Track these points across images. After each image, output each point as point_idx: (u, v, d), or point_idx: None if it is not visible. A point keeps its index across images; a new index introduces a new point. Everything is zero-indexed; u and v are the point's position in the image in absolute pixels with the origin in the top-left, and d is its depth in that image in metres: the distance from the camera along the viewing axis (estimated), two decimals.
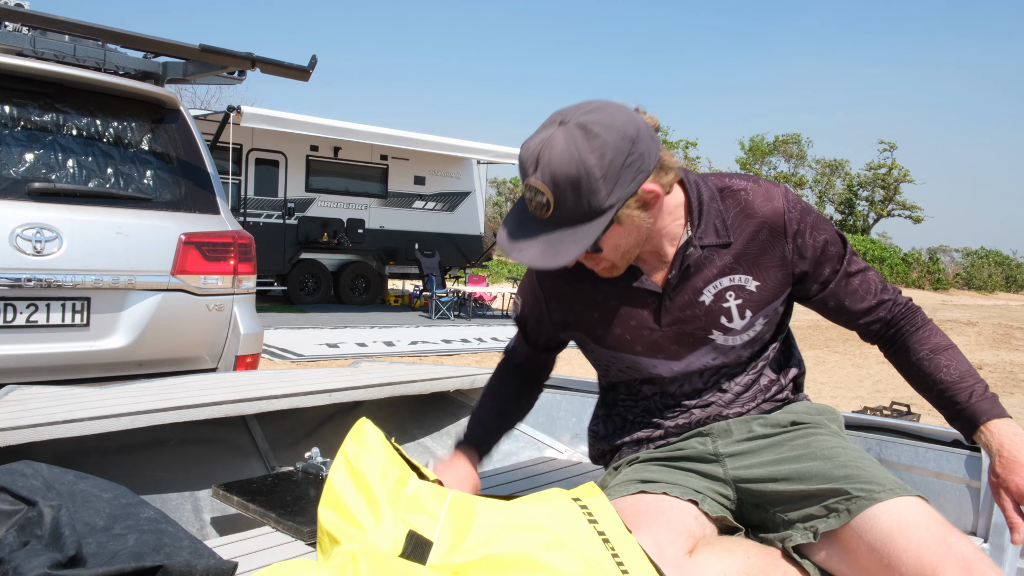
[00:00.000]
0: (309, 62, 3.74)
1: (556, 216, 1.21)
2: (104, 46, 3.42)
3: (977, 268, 42.84)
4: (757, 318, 1.39)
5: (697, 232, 1.35)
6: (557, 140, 1.18)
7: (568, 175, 1.17)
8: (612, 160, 1.18)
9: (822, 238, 1.39)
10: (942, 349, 1.39)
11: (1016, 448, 1.26)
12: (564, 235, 1.21)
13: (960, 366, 1.37)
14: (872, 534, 1.17)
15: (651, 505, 1.33)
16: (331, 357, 8.13)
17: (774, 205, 1.37)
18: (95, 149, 3.19)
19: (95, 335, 3.08)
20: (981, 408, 1.32)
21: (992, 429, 1.30)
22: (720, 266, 1.37)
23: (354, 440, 1.15)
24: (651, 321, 1.40)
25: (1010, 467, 1.24)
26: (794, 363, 1.53)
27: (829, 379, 8.44)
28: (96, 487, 1.23)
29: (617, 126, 1.19)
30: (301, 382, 2.20)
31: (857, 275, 1.42)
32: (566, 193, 1.18)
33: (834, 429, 1.44)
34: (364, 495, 1.08)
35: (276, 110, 10.68)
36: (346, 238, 13.60)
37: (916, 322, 1.43)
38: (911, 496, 1.20)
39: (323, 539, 1.09)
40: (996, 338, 13.93)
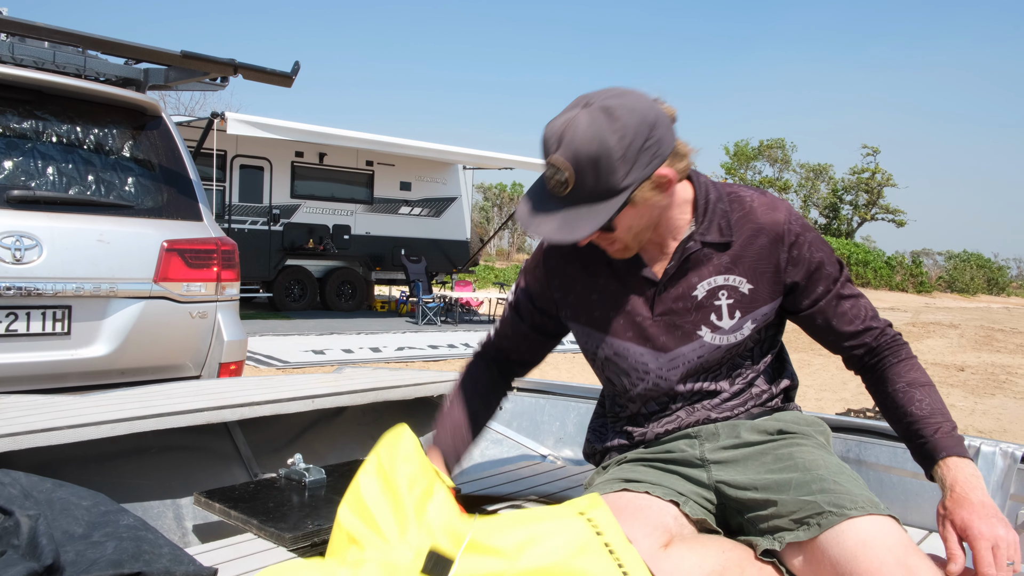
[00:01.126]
0: (292, 68, 3.73)
1: (574, 194, 1.26)
2: (84, 52, 3.41)
3: (959, 271, 43.24)
4: (746, 320, 1.42)
5: (700, 228, 1.40)
6: (581, 120, 1.23)
7: (589, 154, 1.22)
8: (632, 143, 1.23)
9: (818, 256, 1.42)
10: (919, 384, 1.40)
11: (968, 487, 1.26)
12: (581, 212, 1.26)
13: (933, 403, 1.38)
14: (837, 550, 1.18)
15: (631, 502, 1.35)
16: (317, 364, 8.10)
17: (776, 215, 1.41)
18: (76, 156, 3.17)
19: (76, 343, 3.06)
20: (943, 444, 1.33)
21: (950, 465, 1.30)
22: (717, 265, 1.41)
23: (389, 444, 1.15)
24: (645, 308, 1.43)
25: (958, 502, 1.25)
26: (786, 376, 1.55)
27: (814, 382, 8.49)
28: (75, 495, 1.23)
29: (639, 111, 1.24)
30: (284, 388, 2.19)
31: (849, 299, 1.45)
32: (586, 171, 1.23)
33: (820, 441, 1.45)
34: (391, 502, 1.08)
35: (260, 116, 10.64)
36: (332, 244, 13.57)
37: (900, 355, 1.44)
38: (881, 515, 1.21)
39: (339, 538, 1.09)
40: (978, 340, 14.05)
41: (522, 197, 1.34)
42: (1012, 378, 9.52)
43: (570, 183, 1.25)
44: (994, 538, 1.19)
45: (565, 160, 1.24)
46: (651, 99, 1.29)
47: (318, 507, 1.64)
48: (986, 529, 1.19)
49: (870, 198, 40.92)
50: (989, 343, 13.70)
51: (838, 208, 41.94)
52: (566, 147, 1.23)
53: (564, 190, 1.26)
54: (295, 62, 3.76)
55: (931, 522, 1.75)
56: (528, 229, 1.29)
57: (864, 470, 1.87)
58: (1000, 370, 10.20)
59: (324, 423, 2.44)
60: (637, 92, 1.28)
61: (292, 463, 1.83)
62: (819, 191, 42.16)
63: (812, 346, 11.23)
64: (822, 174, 42.20)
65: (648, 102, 1.27)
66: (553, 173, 1.26)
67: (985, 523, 1.20)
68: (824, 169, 42.14)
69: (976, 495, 1.24)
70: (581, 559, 1.02)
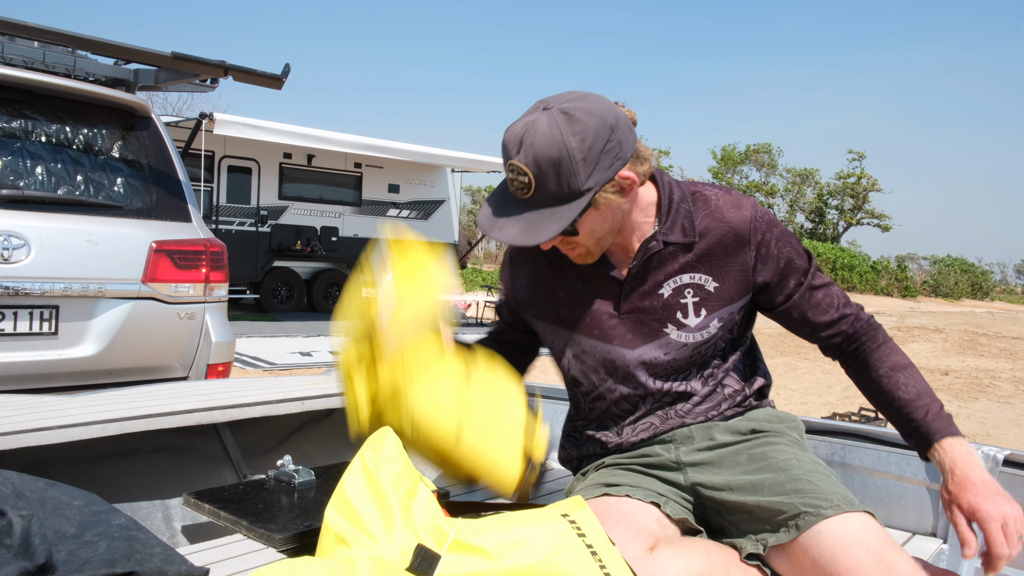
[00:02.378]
0: (282, 70, 3.74)
1: (536, 197, 1.26)
2: (74, 52, 3.40)
3: (944, 275, 43.59)
4: (712, 319, 1.43)
5: (663, 228, 1.40)
6: (541, 123, 1.23)
7: (550, 156, 1.22)
8: (592, 145, 1.24)
9: (786, 251, 1.43)
10: (901, 367, 1.42)
11: (967, 466, 1.29)
12: (544, 215, 1.27)
13: (917, 385, 1.40)
14: (817, 550, 1.20)
15: (614, 506, 1.36)
16: (304, 365, 8.08)
17: (742, 213, 1.41)
18: (64, 156, 3.16)
19: (64, 343, 3.05)
20: (936, 426, 1.35)
21: (945, 447, 1.33)
22: (682, 263, 1.42)
23: (373, 446, 1.16)
24: (611, 307, 1.45)
25: (961, 484, 1.27)
26: (759, 374, 1.56)
27: (799, 386, 8.54)
28: (67, 495, 1.23)
29: (598, 113, 1.25)
30: (273, 390, 2.19)
31: (820, 289, 1.46)
32: (547, 174, 1.24)
33: (793, 438, 1.47)
34: (377, 502, 1.09)
35: (249, 117, 10.62)
36: (320, 246, 13.54)
37: (877, 339, 1.46)
38: (857, 512, 1.22)
39: (327, 538, 1.10)
40: (962, 344, 14.18)
41: (484, 202, 1.34)
42: (995, 382, 9.61)
43: (532, 186, 1.25)
44: (1002, 517, 1.22)
45: (526, 163, 1.24)
46: (611, 102, 1.30)
47: (307, 508, 1.65)
48: (994, 509, 1.23)
49: (856, 203, 41.21)
50: (973, 347, 13.83)
51: (824, 213, 42.22)
52: (526, 151, 1.24)
53: (526, 193, 1.26)
54: (285, 64, 3.77)
55: (915, 524, 1.78)
56: (491, 233, 1.29)
57: (848, 473, 1.89)
58: (984, 374, 10.30)
59: (314, 425, 2.44)
60: (597, 95, 1.29)
61: (281, 464, 1.83)
62: (805, 196, 42.43)
63: (798, 350, 11.32)
64: (808, 179, 42.48)
65: (608, 105, 1.28)
66: (515, 176, 1.26)
67: (991, 503, 1.23)
68: (810, 174, 42.42)
69: (976, 474, 1.28)
70: (564, 560, 1.03)
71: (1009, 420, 7.22)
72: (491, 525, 1.07)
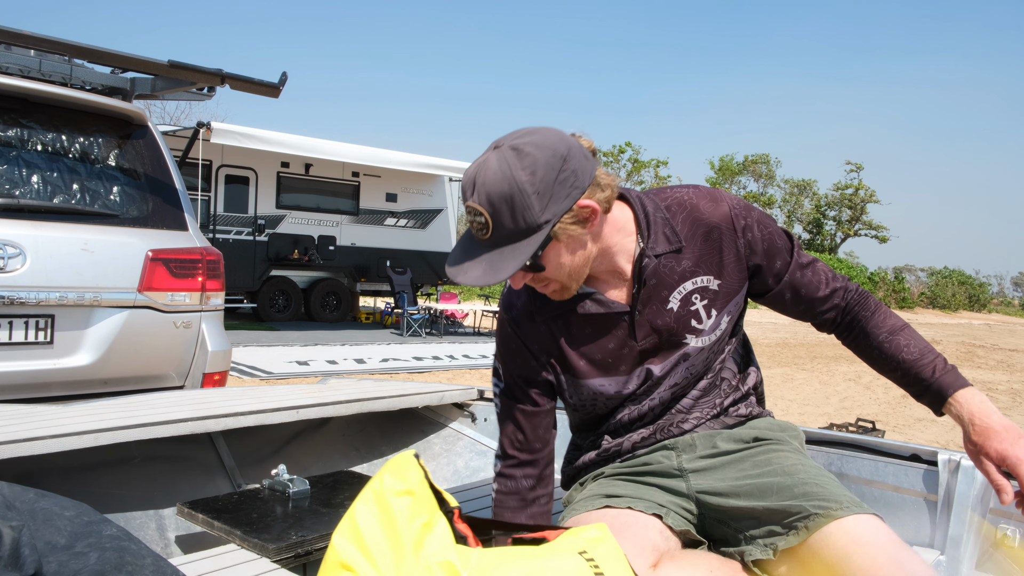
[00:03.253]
0: (279, 79, 3.74)
1: (495, 235, 1.25)
2: (71, 61, 3.40)
3: (941, 287, 43.64)
4: (722, 316, 1.44)
5: (648, 243, 1.39)
6: (491, 162, 1.24)
7: (501, 193, 1.22)
8: (544, 176, 1.22)
9: (768, 231, 1.45)
10: (898, 330, 1.45)
11: (985, 415, 1.32)
12: (504, 252, 1.25)
13: (918, 343, 1.43)
14: (828, 551, 1.20)
15: (616, 519, 1.35)
16: (301, 375, 8.06)
17: (720, 207, 1.42)
18: (61, 165, 3.16)
19: (59, 353, 3.04)
20: (946, 381, 1.37)
21: (960, 400, 1.35)
22: (680, 272, 1.41)
23: (393, 473, 1.10)
24: (628, 339, 1.43)
25: (984, 434, 1.30)
26: (752, 367, 1.57)
27: (797, 396, 8.53)
28: (58, 505, 1.22)
29: (548, 145, 1.24)
30: (268, 399, 2.18)
31: (808, 267, 1.48)
32: (502, 211, 1.23)
33: (795, 446, 1.47)
34: (388, 534, 1.04)
35: (246, 127, 10.63)
36: (317, 255, 13.53)
37: (870, 307, 1.48)
38: (866, 514, 1.23)
39: (332, 565, 1.05)
40: (959, 356, 14.18)
41: (452, 249, 1.33)
42: (992, 394, 9.61)
43: (489, 226, 1.24)
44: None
45: (480, 203, 1.24)
46: (563, 133, 1.29)
47: (302, 518, 1.64)
48: (1022, 452, 1.26)
49: (853, 214, 41.29)
50: (970, 359, 13.83)
51: (821, 224, 42.29)
52: (479, 191, 1.23)
53: (485, 234, 1.26)
54: (282, 73, 3.77)
55: (912, 535, 1.77)
56: (456, 279, 1.27)
57: (846, 483, 1.88)
58: (981, 386, 10.29)
59: (308, 434, 2.43)
60: (548, 128, 1.29)
61: (276, 474, 1.83)
62: (803, 207, 42.51)
63: (796, 360, 11.31)
64: (806, 190, 42.58)
65: (559, 136, 1.27)
66: (473, 217, 1.26)
67: (1019, 447, 1.26)
68: (808, 185, 42.52)
69: (995, 420, 1.31)
70: None
71: None
72: (506, 562, 1.02)
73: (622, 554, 1.08)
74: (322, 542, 1.52)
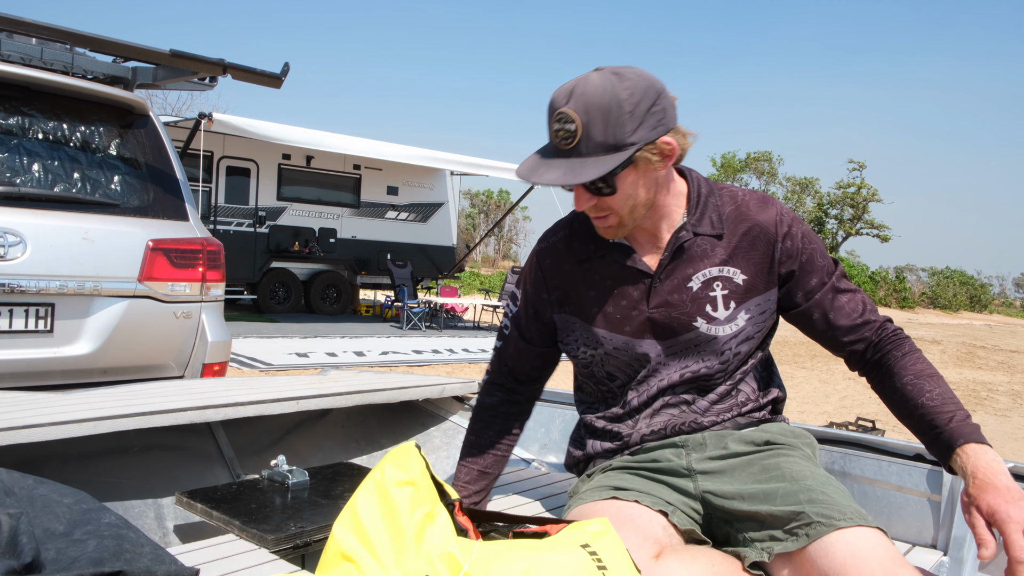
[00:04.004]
0: (281, 69, 3.73)
1: (581, 145, 1.29)
2: (72, 49, 3.39)
3: (942, 287, 43.67)
4: (740, 311, 1.44)
5: (692, 219, 1.43)
6: (592, 77, 1.29)
7: (600, 104, 1.27)
8: (640, 102, 1.28)
9: (810, 247, 1.45)
10: (926, 376, 1.38)
11: (991, 472, 1.23)
12: (586, 162, 1.29)
13: (944, 393, 1.35)
14: (826, 561, 1.18)
15: (621, 511, 1.35)
16: (301, 367, 8.06)
17: (767, 210, 1.45)
18: (61, 153, 3.15)
19: (59, 342, 3.03)
20: (960, 431, 1.30)
21: (968, 452, 1.27)
22: (711, 257, 1.44)
23: (394, 464, 1.10)
24: (641, 302, 1.45)
25: (982, 487, 1.22)
26: (774, 385, 1.56)
27: (796, 394, 8.53)
28: (56, 492, 1.21)
29: (646, 77, 1.31)
30: (267, 389, 2.18)
31: (846, 293, 1.46)
32: (595, 121, 1.27)
33: (807, 453, 1.46)
34: (389, 525, 1.04)
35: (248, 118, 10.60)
36: (317, 247, 13.53)
37: (903, 348, 1.43)
38: (869, 527, 1.21)
39: (332, 554, 1.05)
40: (960, 356, 14.18)
41: (519, 166, 1.36)
42: (993, 395, 9.61)
43: (578, 133, 1.28)
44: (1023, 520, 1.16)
45: (574, 110, 1.27)
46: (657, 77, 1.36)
47: (301, 509, 1.63)
48: (1015, 512, 1.16)
49: (855, 213, 41.27)
50: (971, 360, 13.82)
51: (823, 222, 42.27)
52: (576, 99, 1.28)
53: (571, 142, 1.29)
54: (284, 63, 3.76)
55: (915, 536, 1.76)
56: (531, 177, 1.31)
57: (848, 482, 1.88)
58: (981, 387, 10.29)
59: (308, 425, 2.43)
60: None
61: (275, 464, 1.82)
62: (805, 205, 42.49)
63: (795, 359, 11.31)
64: (808, 188, 42.56)
65: (655, 77, 1.34)
66: (561, 125, 1.29)
67: (1014, 506, 1.17)
68: (810, 183, 42.51)
69: (1000, 480, 1.21)
70: None
71: (1006, 433, 7.21)
72: (506, 555, 1.01)
73: (624, 548, 1.07)
74: (321, 533, 1.52)
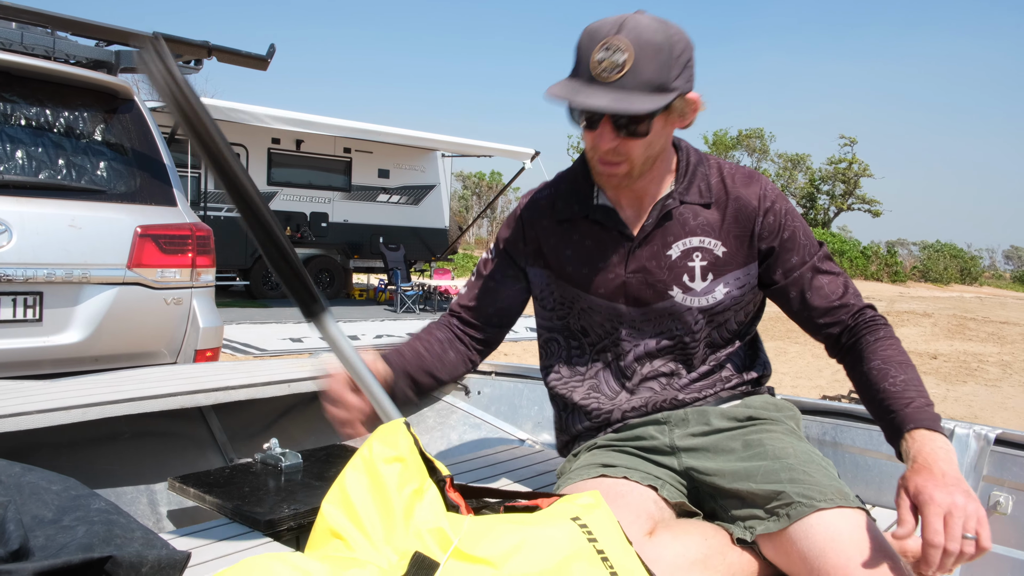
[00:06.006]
0: (267, 51, 3.69)
1: (628, 78, 1.22)
2: (53, 33, 3.34)
3: (933, 261, 43.83)
4: (718, 284, 1.42)
5: (680, 187, 1.42)
6: (642, 16, 1.25)
7: (654, 41, 1.23)
8: (684, 51, 1.27)
9: (792, 224, 1.43)
10: (895, 362, 1.33)
11: (933, 458, 1.16)
12: (633, 95, 1.23)
13: (908, 380, 1.29)
14: (806, 543, 1.18)
15: (612, 488, 1.35)
16: (294, 352, 8.05)
17: (752, 185, 1.44)
18: (45, 140, 3.11)
19: (48, 330, 3.02)
20: (913, 416, 1.23)
21: (916, 437, 1.20)
22: (692, 227, 1.42)
23: (382, 440, 1.09)
24: (618, 266, 1.44)
25: (918, 471, 1.15)
26: (759, 363, 1.54)
27: (790, 369, 8.56)
28: (45, 479, 1.20)
29: (684, 33, 1.28)
30: (259, 373, 2.17)
31: (827, 275, 1.43)
32: (647, 56, 1.22)
33: (790, 427, 1.45)
34: (378, 501, 1.04)
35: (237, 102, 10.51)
36: (309, 232, 13.46)
37: (878, 334, 1.39)
38: (850, 508, 1.19)
39: (321, 531, 1.05)
40: (951, 329, 14.25)
41: (550, 88, 1.28)
42: (983, 366, 9.66)
43: (627, 65, 1.21)
44: (948, 506, 1.07)
45: (628, 41, 1.21)
46: None
47: (294, 492, 1.63)
48: (939, 496, 1.08)
49: (847, 188, 41.30)
50: (961, 331, 13.90)
51: (815, 198, 42.30)
52: (629, 31, 1.22)
53: (617, 73, 1.22)
54: (270, 45, 3.72)
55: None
56: (576, 99, 1.23)
57: (840, 453, 1.88)
58: (972, 358, 10.35)
59: (301, 408, 2.42)
60: None
61: (268, 448, 1.81)
62: (796, 181, 42.48)
63: (788, 334, 11.35)
64: (800, 164, 42.53)
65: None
66: (608, 55, 1.22)
67: (940, 490, 1.09)
68: (802, 159, 42.47)
69: (939, 466, 1.14)
70: (572, 567, 0.98)
71: (996, 403, 7.26)
72: (496, 529, 1.01)
73: (615, 521, 1.07)
74: (315, 515, 1.51)
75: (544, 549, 0.99)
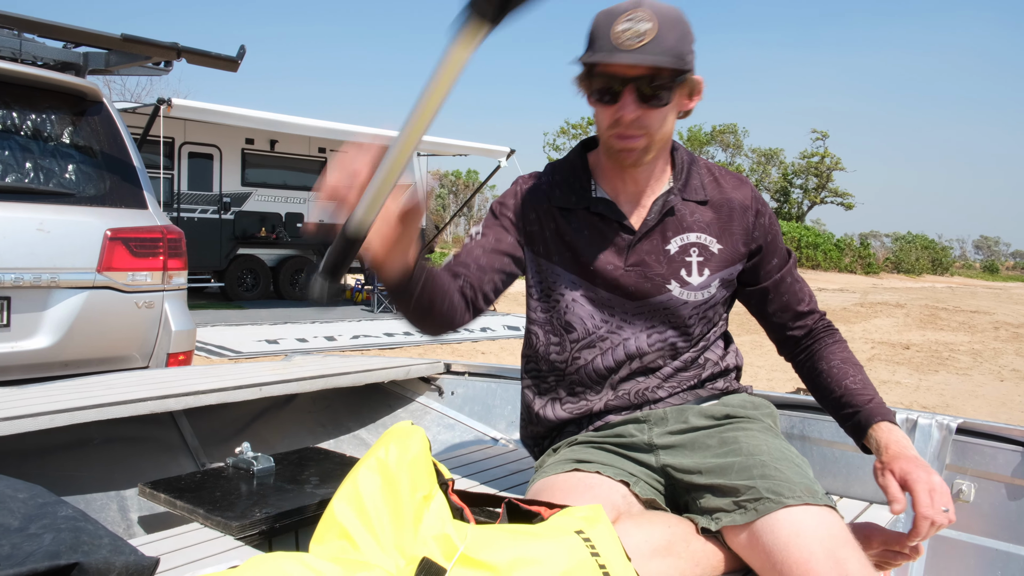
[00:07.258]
0: (238, 52, 3.67)
1: (651, 45, 1.28)
2: (20, 35, 3.30)
3: (905, 252, 44.39)
4: (714, 279, 1.47)
5: (678, 184, 1.48)
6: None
7: (672, 16, 1.30)
8: (691, 33, 1.34)
9: (775, 229, 1.53)
10: (851, 363, 1.51)
11: (902, 446, 1.36)
12: (660, 59, 1.28)
13: (864, 380, 1.48)
14: (770, 538, 1.20)
15: (582, 481, 1.37)
16: (271, 353, 8.00)
17: (743, 188, 1.53)
18: (12, 143, 3.07)
19: (16, 336, 2.98)
20: (878, 411, 1.42)
21: (883, 428, 1.40)
22: (691, 222, 1.47)
23: (396, 442, 1.09)
24: (617, 258, 1.46)
25: (895, 456, 1.34)
26: (732, 352, 1.59)
27: (765, 363, 8.64)
28: (10, 487, 1.19)
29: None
30: (231, 376, 2.16)
31: (797, 282, 1.57)
32: (671, 28, 1.29)
33: (767, 425, 1.48)
34: (390, 506, 1.04)
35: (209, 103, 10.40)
36: (285, 232, 13.37)
37: (835, 337, 1.56)
38: (817, 506, 1.22)
39: (329, 528, 1.05)
40: (923, 319, 14.45)
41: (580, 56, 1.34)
42: (955, 355, 9.81)
43: (650, 33, 1.27)
44: (930, 483, 1.28)
45: (651, 11, 1.28)
46: None
47: (266, 495, 1.63)
48: (923, 475, 1.29)
49: (819, 182, 41.70)
50: (933, 321, 14.09)
51: (788, 192, 42.68)
52: (648, 6, 1.28)
53: (641, 41, 1.27)
54: (240, 46, 3.70)
55: (872, 494, 1.81)
56: (612, 58, 1.27)
57: (808, 445, 1.91)
58: (943, 347, 10.51)
59: (273, 411, 2.42)
60: None
61: (240, 452, 1.81)
62: (770, 175, 42.84)
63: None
64: (773, 159, 42.90)
65: None
66: (632, 24, 1.27)
67: (922, 471, 1.30)
68: (775, 154, 42.84)
69: (910, 452, 1.35)
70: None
71: (967, 391, 7.38)
72: (502, 539, 1.02)
73: (616, 536, 1.09)
74: (286, 519, 1.51)
75: (548, 561, 0.99)
